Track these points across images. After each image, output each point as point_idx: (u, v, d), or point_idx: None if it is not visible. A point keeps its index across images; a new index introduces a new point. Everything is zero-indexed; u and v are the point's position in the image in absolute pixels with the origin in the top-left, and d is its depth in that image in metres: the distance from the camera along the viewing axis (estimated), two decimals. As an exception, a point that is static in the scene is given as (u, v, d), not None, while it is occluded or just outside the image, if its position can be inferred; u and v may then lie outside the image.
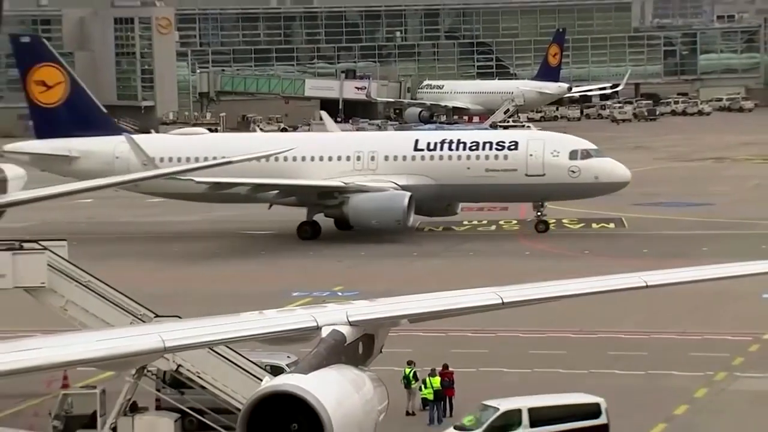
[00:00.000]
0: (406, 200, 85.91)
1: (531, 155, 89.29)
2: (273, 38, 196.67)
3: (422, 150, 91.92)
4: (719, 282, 43.00)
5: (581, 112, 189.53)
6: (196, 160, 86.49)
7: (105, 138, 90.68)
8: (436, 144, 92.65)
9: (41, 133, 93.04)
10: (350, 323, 35.29)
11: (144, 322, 46.42)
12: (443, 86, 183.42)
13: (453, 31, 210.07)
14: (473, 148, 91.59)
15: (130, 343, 40.88)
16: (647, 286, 40.30)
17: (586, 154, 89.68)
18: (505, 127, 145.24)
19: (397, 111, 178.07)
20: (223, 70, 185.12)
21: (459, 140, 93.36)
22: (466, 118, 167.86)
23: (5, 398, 45.91)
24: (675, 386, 51.48)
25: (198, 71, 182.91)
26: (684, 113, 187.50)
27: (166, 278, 70.78)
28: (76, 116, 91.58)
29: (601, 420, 43.79)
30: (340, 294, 61.93)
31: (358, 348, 35.27)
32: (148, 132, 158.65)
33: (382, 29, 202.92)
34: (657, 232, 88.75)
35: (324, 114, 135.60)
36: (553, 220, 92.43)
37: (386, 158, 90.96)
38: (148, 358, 41.84)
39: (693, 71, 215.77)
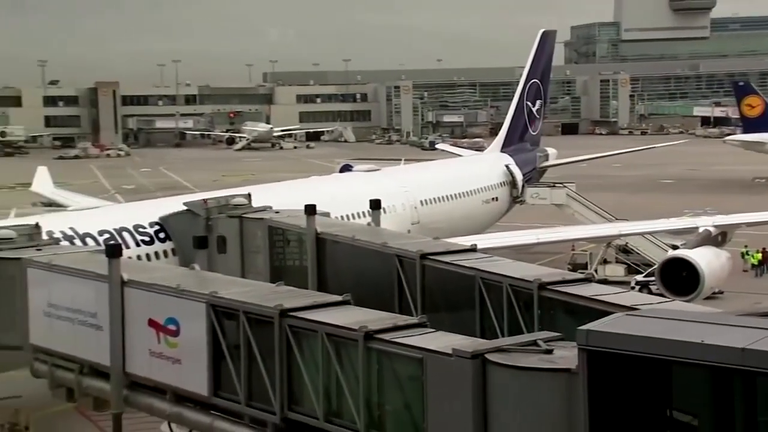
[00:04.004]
0: None
1: None
2: (678, 88, 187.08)
3: None
4: None
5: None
6: None
7: None
8: None
9: (747, 131, 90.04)
10: (714, 226, 33.71)
11: (608, 222, 45.39)
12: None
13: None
14: None
15: (604, 232, 40.51)
16: None
17: None
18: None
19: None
20: (651, 103, 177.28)
21: None
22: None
23: (545, 254, 44.08)
24: None
25: (639, 103, 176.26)
26: None
27: (616, 201, 67.44)
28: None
29: None
30: (709, 211, 58.18)
31: (718, 238, 33.63)
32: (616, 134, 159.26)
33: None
34: None
35: None
36: None
37: None
38: (611, 238, 41.36)
39: None
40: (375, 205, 25.47)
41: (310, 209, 21.78)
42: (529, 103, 53.08)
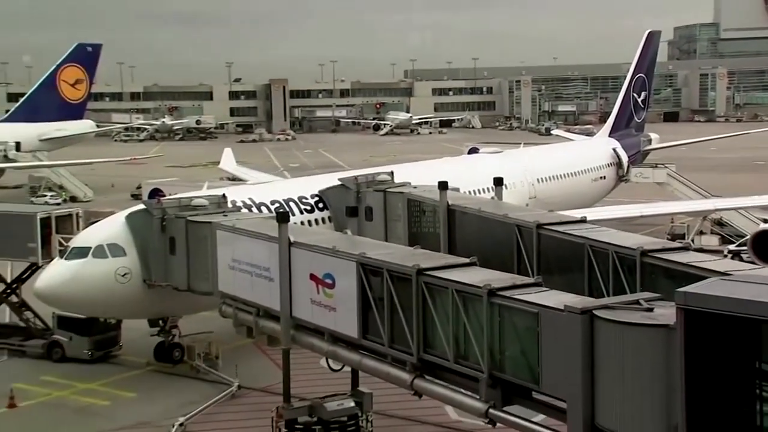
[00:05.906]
0: None
1: None
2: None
3: None
4: None
5: None
6: None
7: None
8: None
9: None
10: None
11: (705, 198, 42.67)
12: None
13: None
14: None
15: (700, 206, 38.37)
16: None
17: None
18: None
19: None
20: (746, 94, 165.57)
21: None
22: None
23: (647, 226, 40.38)
24: None
25: (735, 93, 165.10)
26: None
27: (712, 181, 63.02)
28: None
29: None
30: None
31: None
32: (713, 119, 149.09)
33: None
34: None
35: None
36: None
37: None
38: (707, 212, 39.02)
39: None
40: (498, 182, 25.21)
41: (443, 185, 21.86)
42: (634, 95, 51.26)
